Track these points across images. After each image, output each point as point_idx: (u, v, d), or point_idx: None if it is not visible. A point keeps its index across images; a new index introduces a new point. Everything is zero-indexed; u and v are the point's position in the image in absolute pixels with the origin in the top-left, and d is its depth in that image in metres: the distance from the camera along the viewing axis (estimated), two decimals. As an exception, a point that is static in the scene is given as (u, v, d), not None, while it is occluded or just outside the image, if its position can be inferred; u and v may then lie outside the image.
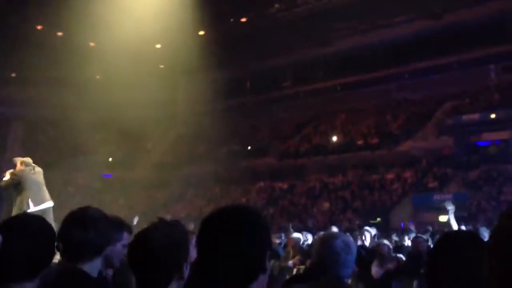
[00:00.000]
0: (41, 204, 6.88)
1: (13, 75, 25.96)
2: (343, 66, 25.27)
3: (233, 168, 24.33)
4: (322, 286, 2.40)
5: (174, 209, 22.14)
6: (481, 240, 1.58)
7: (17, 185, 6.90)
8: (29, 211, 6.50)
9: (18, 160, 7.21)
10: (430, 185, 18.37)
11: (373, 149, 21.80)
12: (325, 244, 2.39)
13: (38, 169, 7.23)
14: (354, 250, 2.42)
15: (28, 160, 7.29)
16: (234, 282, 1.24)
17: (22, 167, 7.12)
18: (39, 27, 22.58)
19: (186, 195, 23.66)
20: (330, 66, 25.91)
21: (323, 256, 2.36)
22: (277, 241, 8.70)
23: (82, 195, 21.95)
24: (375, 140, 22.28)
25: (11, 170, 7.04)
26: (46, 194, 7.03)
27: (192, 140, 26.83)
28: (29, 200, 6.91)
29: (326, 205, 19.50)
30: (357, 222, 15.49)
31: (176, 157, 26.13)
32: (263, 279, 1.25)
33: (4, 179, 6.95)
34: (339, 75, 25.36)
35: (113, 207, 20.88)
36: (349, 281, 2.56)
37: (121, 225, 2.71)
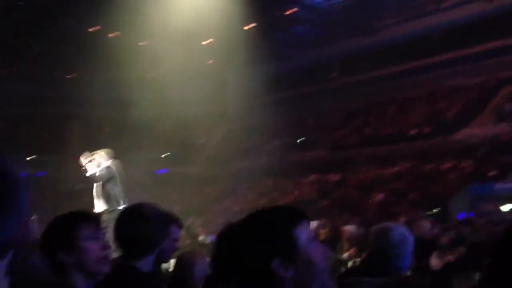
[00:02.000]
0: (126, 202, 6.44)
1: (69, 76, 27.11)
2: (392, 54, 24.64)
3: (284, 161, 24.31)
4: (383, 281, 2.36)
5: (227, 203, 22.41)
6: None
7: (109, 179, 6.44)
8: (119, 208, 6.15)
9: (85, 155, 6.71)
10: (490, 173, 17.62)
11: (426, 138, 21.17)
12: (381, 236, 2.35)
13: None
14: (412, 241, 2.37)
15: (112, 152, 6.85)
16: None
17: (111, 161, 6.64)
18: (92, 30, 23.38)
19: (238, 189, 23.88)
20: (378, 55, 25.32)
21: (380, 249, 2.33)
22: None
23: (139, 191, 22.60)
24: (428, 129, 21.62)
25: (102, 162, 6.52)
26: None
27: (242, 134, 27.03)
28: (123, 196, 6.45)
29: (379, 196, 19.14)
30: (413, 214, 15.13)
31: (227, 152, 26.42)
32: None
33: (92, 168, 6.44)
34: (388, 64, 24.75)
35: (167, 202, 21.38)
36: (408, 273, 2.53)
37: (172, 220, 2.77)
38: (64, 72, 26.48)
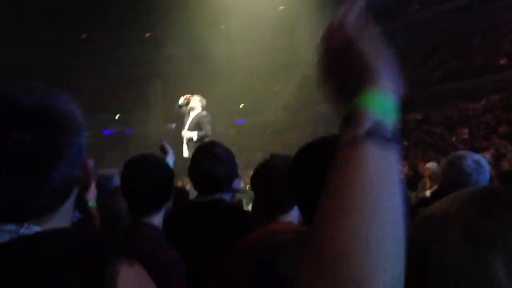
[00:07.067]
0: None
1: (147, 35, 27.97)
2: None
3: (362, 103, 23.74)
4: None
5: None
6: None
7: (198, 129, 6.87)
8: None
9: (191, 97, 7.03)
10: None
11: (518, 68, 19.67)
12: (453, 165, 2.28)
13: None
14: (487, 169, 2.28)
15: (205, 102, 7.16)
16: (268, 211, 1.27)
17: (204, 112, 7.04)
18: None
19: (316, 135, 23.81)
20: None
21: (452, 178, 2.27)
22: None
23: (223, 141, 23.25)
24: (520, 58, 20.03)
25: (196, 108, 6.84)
26: None
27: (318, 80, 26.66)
28: None
29: (465, 132, 18.27)
30: (503, 147, 14.39)
31: (303, 99, 26.28)
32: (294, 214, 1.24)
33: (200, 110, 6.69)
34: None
35: (248, 151, 21.94)
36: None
37: None
38: (141, 32, 27.36)
